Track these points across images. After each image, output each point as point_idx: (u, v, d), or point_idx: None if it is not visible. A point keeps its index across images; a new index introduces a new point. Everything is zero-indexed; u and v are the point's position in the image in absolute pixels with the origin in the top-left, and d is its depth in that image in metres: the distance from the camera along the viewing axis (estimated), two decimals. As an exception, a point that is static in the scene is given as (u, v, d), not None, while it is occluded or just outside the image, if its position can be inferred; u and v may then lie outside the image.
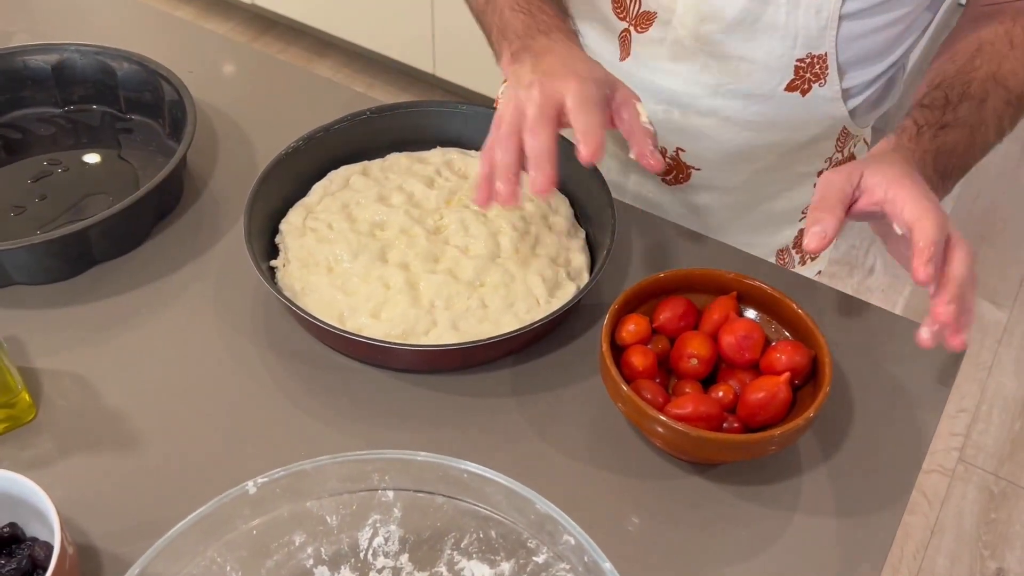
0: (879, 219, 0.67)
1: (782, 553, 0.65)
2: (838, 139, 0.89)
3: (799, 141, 0.87)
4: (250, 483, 0.55)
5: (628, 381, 0.67)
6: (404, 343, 0.71)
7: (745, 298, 0.73)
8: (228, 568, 0.56)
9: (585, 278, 0.79)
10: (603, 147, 0.65)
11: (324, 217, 0.81)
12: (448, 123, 0.88)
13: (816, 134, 0.87)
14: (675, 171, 0.92)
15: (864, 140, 0.96)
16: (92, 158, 0.91)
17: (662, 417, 0.63)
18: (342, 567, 0.59)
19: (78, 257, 0.80)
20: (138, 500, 0.66)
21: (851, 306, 0.82)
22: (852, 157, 0.95)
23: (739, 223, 0.96)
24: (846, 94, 0.83)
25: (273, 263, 0.78)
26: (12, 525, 0.60)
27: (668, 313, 0.71)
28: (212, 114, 0.96)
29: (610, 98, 0.69)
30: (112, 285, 0.80)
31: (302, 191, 0.84)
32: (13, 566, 0.58)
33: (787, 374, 0.66)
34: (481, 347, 0.70)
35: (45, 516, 0.58)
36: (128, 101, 0.94)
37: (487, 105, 0.90)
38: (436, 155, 0.87)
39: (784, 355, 0.67)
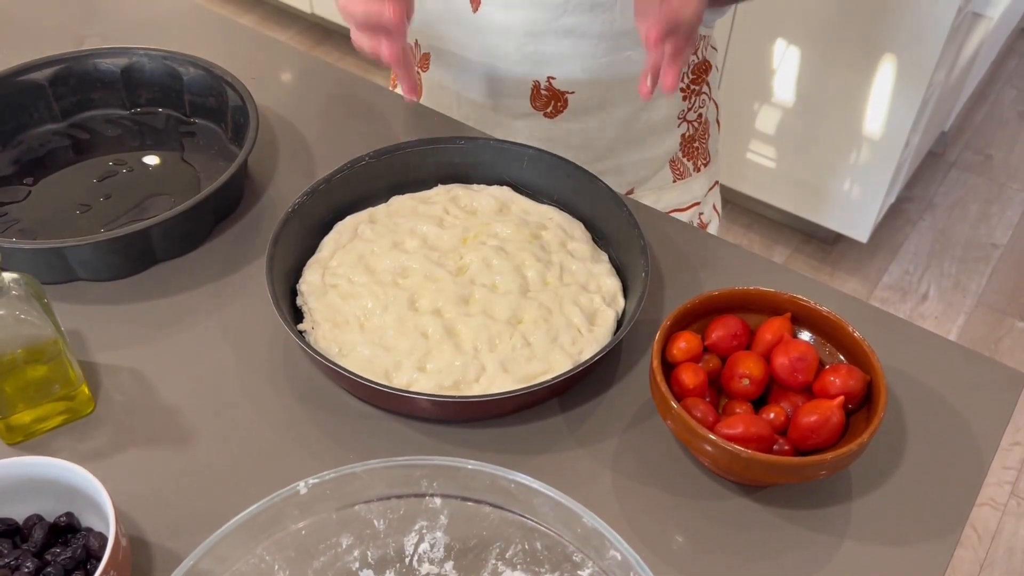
0: None
1: (830, 580, 0.64)
2: None
3: None
4: (301, 483, 0.56)
5: (678, 399, 0.67)
6: (470, 396, 0.69)
7: (799, 319, 0.72)
8: (276, 567, 0.57)
9: (620, 302, 0.78)
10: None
11: (342, 272, 0.78)
12: (446, 158, 0.87)
13: None
14: (552, 101, 0.95)
15: (712, 47, 1.02)
16: (156, 160, 0.94)
17: (712, 436, 0.63)
18: (387, 572, 0.60)
19: (140, 255, 0.82)
20: (190, 495, 0.67)
21: (907, 332, 0.80)
22: (707, 62, 1.00)
23: (626, 139, 1.00)
24: None
25: (300, 327, 0.75)
26: (69, 515, 0.62)
27: (720, 332, 0.71)
28: (273, 120, 0.98)
29: None
30: (172, 284, 0.81)
31: (311, 248, 0.81)
32: (68, 555, 0.59)
33: (841, 398, 0.65)
34: (544, 389, 0.69)
35: (100, 507, 0.59)
36: (193, 105, 0.96)
37: (485, 136, 0.90)
38: (440, 193, 0.86)
39: (838, 379, 0.67)
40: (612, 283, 0.79)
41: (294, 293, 0.79)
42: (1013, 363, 0.79)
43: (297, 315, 0.77)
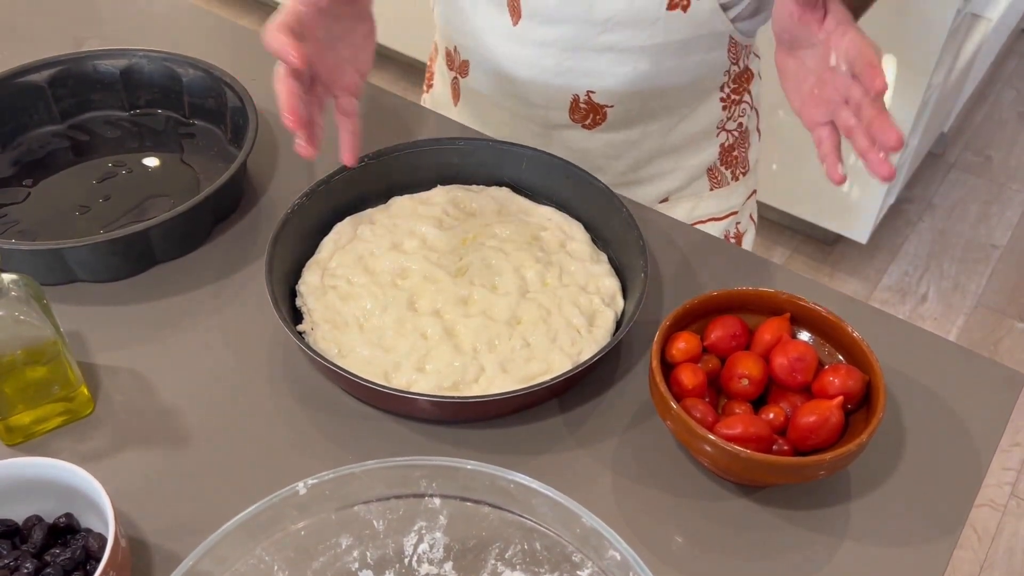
0: (801, 40, 0.70)
1: (829, 580, 0.64)
2: (729, 50, 0.93)
3: (694, 59, 0.91)
4: (300, 484, 0.56)
5: (677, 399, 0.67)
6: (469, 396, 0.69)
7: (798, 320, 0.72)
8: (275, 567, 0.57)
9: (620, 302, 0.78)
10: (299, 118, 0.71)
11: (341, 273, 0.78)
12: (446, 160, 0.87)
13: (707, 48, 0.91)
14: (591, 113, 0.94)
15: (755, 54, 1.00)
16: (155, 161, 0.94)
17: (711, 436, 0.63)
18: (386, 572, 0.60)
19: (139, 257, 0.82)
20: (190, 496, 0.67)
21: (906, 332, 0.80)
22: (748, 71, 0.99)
23: (664, 149, 0.98)
24: (725, 5, 0.86)
25: (300, 328, 0.75)
26: (68, 516, 0.62)
27: (720, 332, 0.71)
28: (272, 121, 0.98)
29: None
30: (171, 285, 0.81)
31: (310, 250, 0.81)
32: (68, 556, 0.59)
33: (840, 398, 0.65)
34: (543, 389, 0.69)
35: (100, 508, 0.59)
36: (192, 106, 0.96)
37: (484, 138, 0.90)
38: (439, 194, 0.86)
39: (837, 379, 0.67)
40: (611, 283, 0.79)
41: (293, 294, 0.79)
42: (1013, 364, 0.79)
43: (296, 316, 0.77)
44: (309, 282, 0.79)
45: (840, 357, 0.70)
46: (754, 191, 1.10)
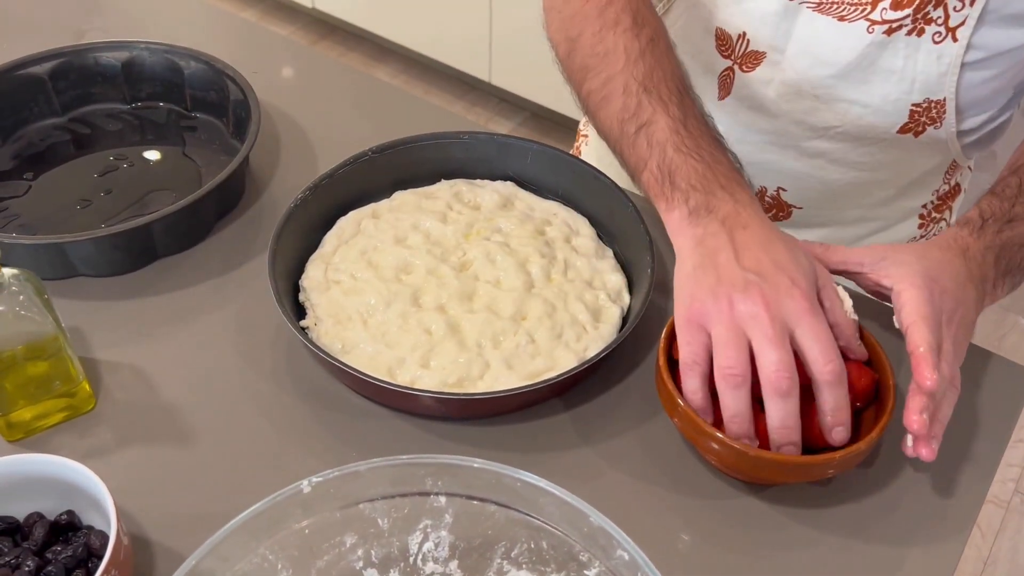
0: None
1: (838, 579, 0.63)
2: (947, 172, 0.88)
3: (909, 178, 0.85)
4: (304, 482, 0.55)
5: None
6: (474, 393, 0.68)
7: (807, 317, 0.71)
8: (279, 566, 0.56)
9: (625, 298, 0.77)
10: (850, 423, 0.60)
11: (345, 267, 0.78)
12: (450, 154, 0.86)
13: (925, 170, 0.85)
14: (775, 209, 0.89)
15: (968, 167, 0.94)
16: (157, 154, 0.93)
17: (719, 434, 0.62)
18: (391, 571, 0.59)
19: (141, 251, 0.81)
20: (192, 493, 0.66)
21: (915, 329, 0.79)
22: (957, 187, 0.92)
23: None
24: (961, 134, 0.81)
25: (303, 323, 0.75)
26: (69, 513, 0.61)
27: (727, 329, 0.70)
28: (275, 115, 0.97)
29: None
30: (173, 280, 0.81)
31: (313, 244, 0.81)
32: (69, 553, 0.59)
33: (850, 396, 0.65)
34: (549, 386, 0.68)
35: (101, 505, 0.59)
36: (194, 99, 0.95)
37: (488, 132, 0.88)
38: (443, 188, 0.85)
39: (847, 377, 0.66)
40: (617, 279, 0.78)
41: (296, 289, 0.78)
42: (1017, 359, 0.78)
43: (300, 311, 0.77)
44: (312, 277, 0.78)
45: (850, 355, 0.70)
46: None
